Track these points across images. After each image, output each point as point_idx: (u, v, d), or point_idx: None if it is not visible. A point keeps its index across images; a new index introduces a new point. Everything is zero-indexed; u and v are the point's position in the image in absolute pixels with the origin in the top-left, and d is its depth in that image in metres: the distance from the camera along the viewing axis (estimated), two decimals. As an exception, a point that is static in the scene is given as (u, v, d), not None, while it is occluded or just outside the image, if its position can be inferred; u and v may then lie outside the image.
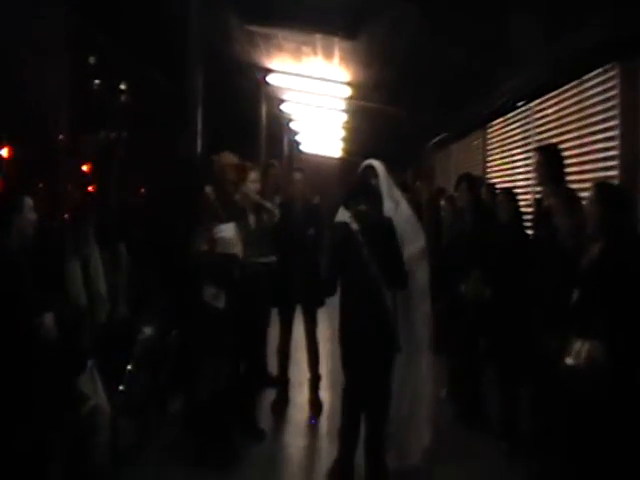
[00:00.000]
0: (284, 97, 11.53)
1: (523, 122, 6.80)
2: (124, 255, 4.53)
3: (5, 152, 6.60)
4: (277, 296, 4.99)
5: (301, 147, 17.91)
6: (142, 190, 10.73)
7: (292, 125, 14.76)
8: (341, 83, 9.27)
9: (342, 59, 8.06)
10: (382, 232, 3.55)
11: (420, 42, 6.36)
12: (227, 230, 4.08)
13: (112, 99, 9.40)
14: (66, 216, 5.39)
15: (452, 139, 10.50)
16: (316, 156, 18.51)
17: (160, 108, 9.68)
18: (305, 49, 7.92)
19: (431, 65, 7.21)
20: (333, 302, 3.90)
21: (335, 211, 3.96)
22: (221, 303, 4.06)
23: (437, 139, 11.29)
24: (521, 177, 6.82)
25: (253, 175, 4.55)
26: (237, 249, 4.11)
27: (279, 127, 14.08)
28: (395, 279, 3.55)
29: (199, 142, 5.35)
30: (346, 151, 17.70)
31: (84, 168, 9.10)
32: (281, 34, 7.50)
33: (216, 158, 4.31)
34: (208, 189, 4.28)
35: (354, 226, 3.58)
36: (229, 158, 4.33)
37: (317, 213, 5.28)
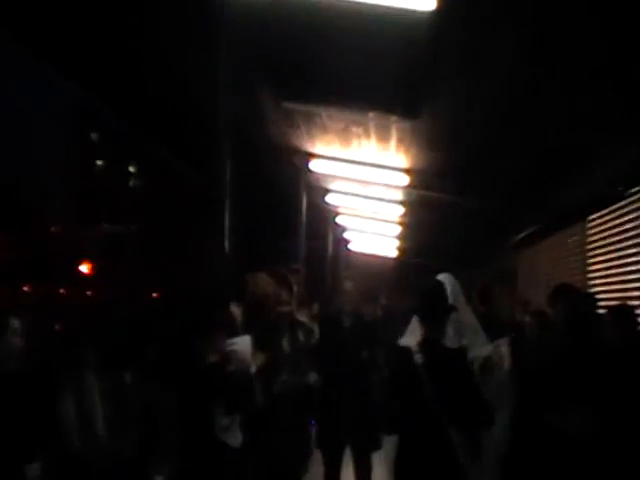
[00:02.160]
0: (330, 187, 11.80)
1: (636, 212, 6.65)
2: (129, 384, 4.45)
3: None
4: (320, 434, 5.05)
5: (349, 246, 18.22)
6: (155, 296, 10.77)
7: (339, 220, 15.03)
8: (398, 170, 9.39)
9: (400, 141, 8.18)
10: (453, 367, 3.66)
11: (496, 116, 6.37)
12: (241, 343, 4.14)
13: (121, 185, 9.63)
14: (58, 328, 5.41)
15: (540, 235, 10.37)
16: (368, 256, 18.71)
17: (182, 199, 9.90)
18: (355, 130, 8.09)
19: (509, 146, 7.22)
20: (391, 442, 3.96)
21: (388, 325, 4.03)
22: (236, 439, 4.03)
23: (520, 236, 11.18)
24: (636, 285, 6.57)
25: (284, 294, 4.76)
26: (252, 368, 4.15)
27: (323, 222, 14.41)
28: (478, 418, 3.57)
29: (226, 243, 5.44)
30: (403, 251, 17.82)
31: (83, 268, 9.08)
32: (325, 113, 7.70)
33: (251, 280, 4.50)
34: (234, 308, 4.38)
35: (418, 358, 3.68)
36: (266, 282, 4.51)
37: (371, 331, 5.37)
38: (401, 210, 12.31)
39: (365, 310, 9.66)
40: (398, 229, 14.65)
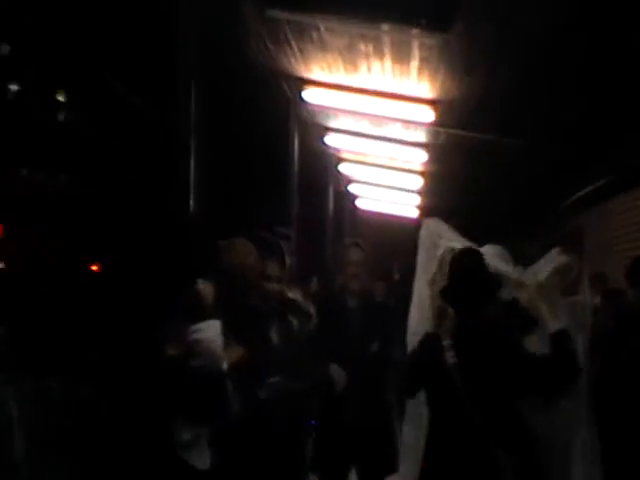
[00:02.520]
0: (330, 124, 11.82)
1: None
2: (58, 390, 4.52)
3: None
4: (318, 452, 5.13)
5: (356, 203, 18.36)
6: (95, 269, 10.68)
7: (342, 169, 15.05)
8: (421, 102, 9.39)
9: (424, 64, 8.16)
10: (499, 372, 3.77)
11: (552, 29, 6.38)
12: (208, 330, 4.13)
13: (46, 119, 9.45)
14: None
15: (610, 191, 10.39)
16: (380, 217, 18.87)
17: (131, 140, 9.80)
18: (363, 48, 8.07)
19: (569, 73, 7.20)
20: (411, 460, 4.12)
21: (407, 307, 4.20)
22: (202, 460, 4.07)
23: (583, 192, 11.21)
24: None
25: (273, 267, 4.77)
26: (224, 365, 4.15)
27: (322, 172, 14.43)
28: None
29: (192, 199, 5.52)
30: (427, 210, 17.69)
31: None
32: (324, 25, 7.65)
33: (226, 248, 4.46)
34: (203, 286, 4.36)
35: (450, 357, 3.82)
36: (245, 250, 4.48)
37: (384, 315, 5.42)
38: (424, 156, 12.31)
39: (377, 288, 9.75)
40: (420, 181, 14.67)
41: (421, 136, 11.23)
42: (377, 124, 11.05)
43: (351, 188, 17.01)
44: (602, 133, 8.78)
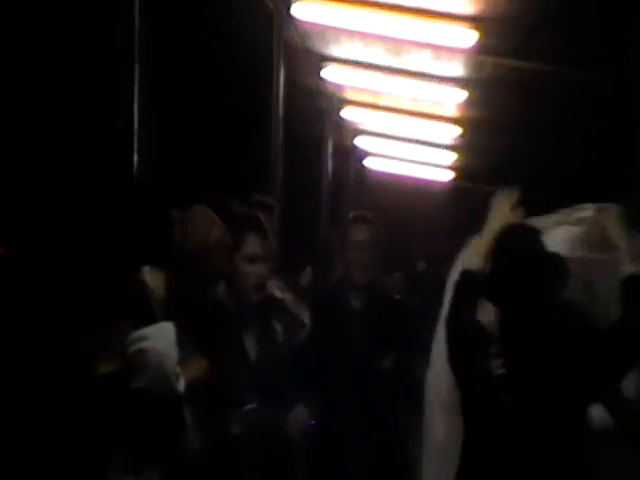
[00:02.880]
0: (327, 51, 11.86)
1: None
2: None
3: None
4: None
5: (367, 162, 18.47)
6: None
7: (347, 114, 15.07)
8: (458, 19, 9.36)
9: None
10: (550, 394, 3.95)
11: None
12: (157, 336, 4.17)
13: None
14: None
15: None
16: (397, 180, 19.00)
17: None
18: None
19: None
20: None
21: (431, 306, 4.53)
22: None
23: None
24: None
25: (255, 243, 4.89)
26: (180, 384, 4.21)
27: (318, 118, 14.59)
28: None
29: (135, 154, 5.60)
30: (463, 171, 18.16)
31: None
32: None
33: (181, 218, 4.51)
34: (149, 273, 4.42)
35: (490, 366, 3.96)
36: (208, 221, 4.53)
37: (401, 318, 5.63)
38: (462, 95, 12.34)
39: (391, 281, 9.74)
40: (455, 132, 14.74)
41: (458, 68, 11.25)
42: (395, 52, 11.05)
43: (358, 141, 17.05)
44: None
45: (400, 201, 17.75)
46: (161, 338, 4.17)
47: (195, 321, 4.40)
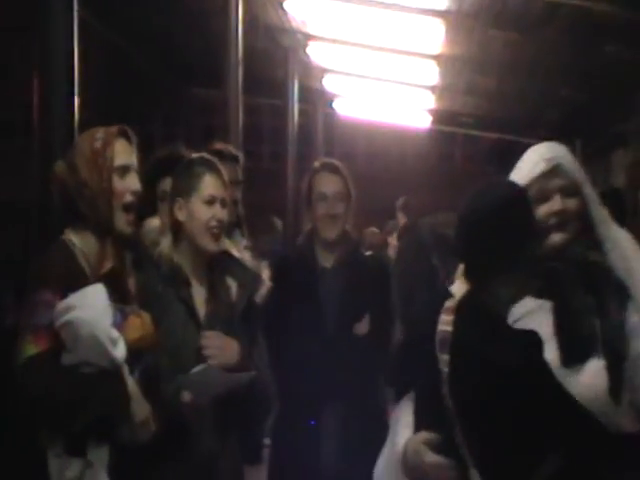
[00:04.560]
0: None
1: None
2: None
3: None
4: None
5: (336, 106, 18.52)
6: None
7: (314, 52, 14.96)
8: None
9: None
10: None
11: None
12: (84, 304, 4.01)
13: None
14: None
15: None
16: (370, 127, 19.05)
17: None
18: None
19: None
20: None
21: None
22: None
23: None
24: None
25: (211, 183, 4.66)
26: (119, 350, 4.07)
27: (282, 50, 14.47)
28: None
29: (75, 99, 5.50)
30: (443, 114, 18.02)
31: None
32: None
33: (67, 155, 4.26)
34: (71, 233, 4.19)
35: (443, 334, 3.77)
36: (92, 132, 4.28)
37: (378, 278, 5.36)
38: (441, 31, 12.35)
39: (368, 238, 9.62)
40: (434, 69, 14.75)
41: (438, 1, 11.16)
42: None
43: (327, 81, 16.97)
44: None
45: (372, 147, 17.90)
46: (89, 304, 3.98)
47: (135, 277, 4.31)
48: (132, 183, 4.32)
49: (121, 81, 14.83)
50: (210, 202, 4.48)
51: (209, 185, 4.52)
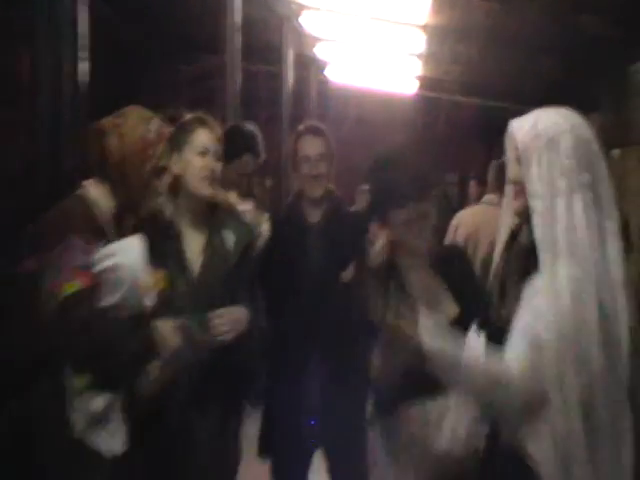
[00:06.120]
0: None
1: None
2: None
3: None
4: (268, 429, 5.62)
5: (327, 72, 18.43)
6: None
7: (305, 19, 14.87)
8: None
9: None
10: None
11: None
12: (127, 252, 4.24)
13: None
14: None
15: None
16: (360, 94, 19.01)
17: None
18: None
19: None
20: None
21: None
22: (115, 441, 4.20)
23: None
24: None
25: (205, 137, 4.91)
26: (150, 296, 4.34)
27: (278, 26, 14.37)
28: None
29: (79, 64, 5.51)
30: (430, 82, 18.01)
31: None
32: None
33: (114, 120, 4.49)
34: (92, 188, 4.43)
35: None
36: (145, 116, 4.57)
37: (360, 230, 5.41)
38: (427, 2, 12.34)
39: (359, 194, 9.70)
40: (421, 38, 14.73)
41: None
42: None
43: (320, 49, 16.90)
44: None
45: (362, 112, 17.80)
46: (130, 252, 4.21)
47: (143, 232, 4.42)
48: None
49: (122, 52, 14.50)
50: (203, 153, 4.72)
51: (202, 138, 4.77)
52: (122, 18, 13.69)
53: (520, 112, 3.84)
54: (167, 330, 4.19)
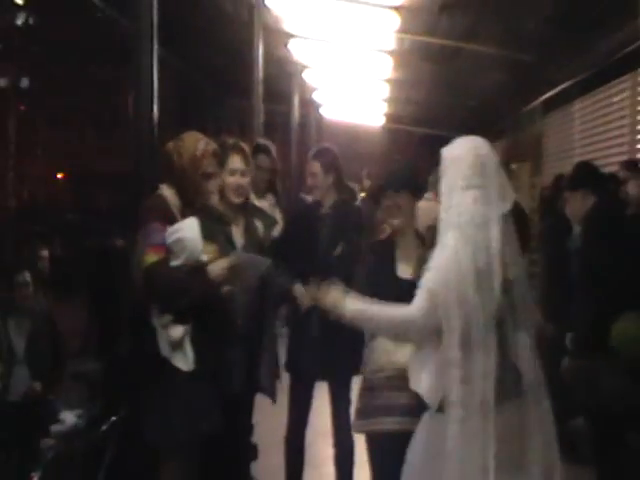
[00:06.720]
0: (292, 30, 11.51)
1: None
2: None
3: None
4: (291, 355, 5.29)
5: (321, 111, 18.17)
6: (60, 176, 10.46)
7: (307, 76, 14.72)
8: (386, 7, 9.13)
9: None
10: None
11: None
12: (187, 228, 4.22)
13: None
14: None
15: (575, 92, 10.43)
16: (345, 126, 18.73)
17: (85, 38, 9.52)
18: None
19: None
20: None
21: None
22: (187, 361, 4.15)
23: (548, 94, 11.37)
24: None
25: (236, 161, 4.79)
26: (205, 257, 4.30)
27: (286, 79, 14.18)
28: None
29: (154, 107, 5.38)
30: (393, 117, 17.93)
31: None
32: None
33: (176, 142, 4.44)
34: (166, 189, 4.38)
35: None
36: (196, 138, 4.45)
37: (356, 218, 5.49)
38: (389, 63, 12.29)
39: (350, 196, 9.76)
40: (386, 87, 14.72)
41: (388, 42, 11.06)
42: (342, 31, 10.77)
43: (316, 96, 16.71)
44: (570, 35, 8.78)
45: (348, 138, 17.83)
46: (190, 228, 4.19)
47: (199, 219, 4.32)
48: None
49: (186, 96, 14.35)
50: (233, 173, 4.66)
51: (233, 161, 4.70)
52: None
53: (452, 137, 3.86)
54: (215, 269, 4.18)
